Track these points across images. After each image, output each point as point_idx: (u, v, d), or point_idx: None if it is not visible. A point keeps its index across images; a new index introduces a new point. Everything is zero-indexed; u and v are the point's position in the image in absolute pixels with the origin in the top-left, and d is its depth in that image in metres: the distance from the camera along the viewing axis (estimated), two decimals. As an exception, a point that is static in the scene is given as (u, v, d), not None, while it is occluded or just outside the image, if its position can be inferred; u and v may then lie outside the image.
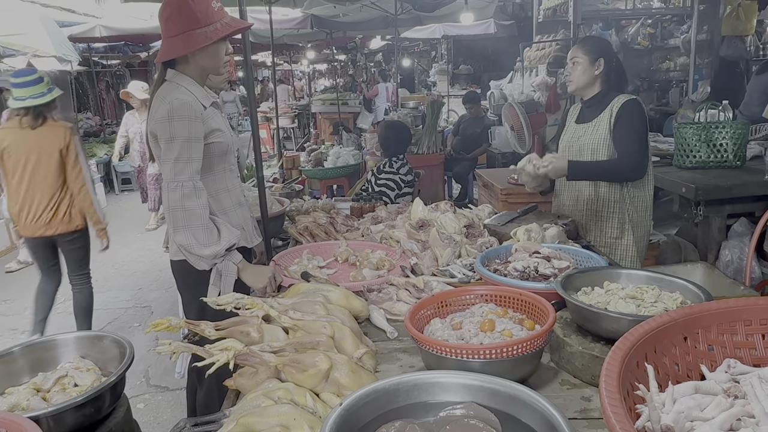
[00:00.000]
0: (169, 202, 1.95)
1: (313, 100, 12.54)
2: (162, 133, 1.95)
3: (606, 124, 2.64)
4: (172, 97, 1.96)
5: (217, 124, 2.10)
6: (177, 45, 1.98)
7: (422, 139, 6.34)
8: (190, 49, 1.98)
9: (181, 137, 1.94)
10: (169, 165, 1.95)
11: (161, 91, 2.02)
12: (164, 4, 2.00)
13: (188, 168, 1.95)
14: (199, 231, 1.94)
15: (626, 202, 2.70)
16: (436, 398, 1.13)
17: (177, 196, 1.93)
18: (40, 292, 4.03)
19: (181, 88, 2.01)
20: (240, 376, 1.41)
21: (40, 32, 6.61)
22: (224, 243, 1.98)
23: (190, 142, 1.95)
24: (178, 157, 1.93)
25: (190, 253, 1.98)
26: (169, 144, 1.94)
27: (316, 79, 19.81)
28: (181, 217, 1.94)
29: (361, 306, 1.81)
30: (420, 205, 2.68)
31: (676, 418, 0.84)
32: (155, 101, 2.02)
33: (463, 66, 13.73)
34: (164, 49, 2.03)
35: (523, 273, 1.89)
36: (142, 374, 3.80)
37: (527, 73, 6.72)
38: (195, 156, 1.97)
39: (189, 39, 1.95)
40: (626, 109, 2.61)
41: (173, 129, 1.93)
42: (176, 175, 1.94)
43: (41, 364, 1.63)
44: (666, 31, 7.53)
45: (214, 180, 2.12)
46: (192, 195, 1.94)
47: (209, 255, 1.96)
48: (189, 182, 1.94)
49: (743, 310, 1.08)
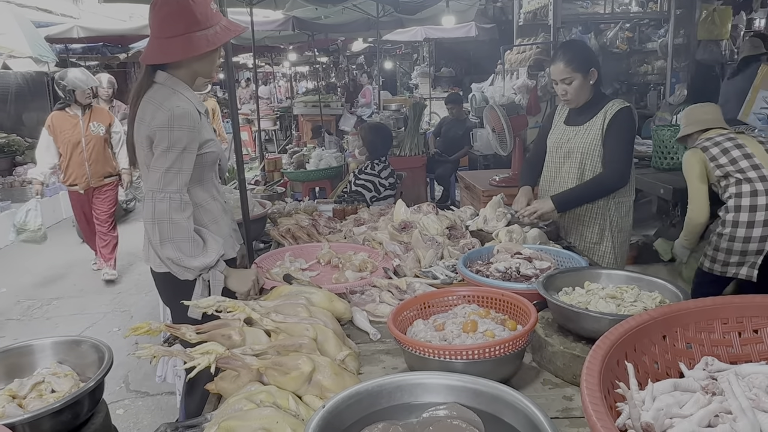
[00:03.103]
0: (155, 212, 1.86)
1: (295, 102, 12.49)
2: (160, 141, 1.86)
3: (599, 129, 2.63)
4: (172, 104, 1.87)
5: (209, 133, 2.04)
6: (175, 47, 1.86)
7: (404, 142, 6.35)
8: (190, 53, 1.87)
9: (178, 148, 1.86)
10: (159, 174, 1.86)
11: (155, 95, 1.91)
12: (160, 1, 1.88)
13: (178, 179, 1.87)
14: (185, 244, 1.88)
15: (610, 208, 2.72)
16: (419, 399, 1.13)
17: (164, 207, 1.85)
18: None
19: (178, 95, 1.92)
20: (221, 379, 1.40)
21: (16, 32, 6.49)
22: (214, 255, 1.93)
23: (184, 153, 1.87)
24: (170, 167, 1.86)
25: (178, 266, 1.90)
26: (164, 152, 1.86)
27: (297, 82, 19.77)
28: (168, 229, 1.86)
29: (343, 308, 1.80)
30: (402, 207, 2.68)
31: (656, 415, 0.86)
32: (146, 105, 1.91)
33: (444, 69, 13.79)
34: (158, 51, 1.91)
35: (505, 274, 1.90)
36: (121, 379, 3.75)
37: (508, 75, 6.77)
38: (186, 167, 1.89)
39: (188, 42, 1.85)
40: (619, 117, 2.59)
41: (172, 138, 1.85)
42: (165, 185, 1.86)
43: (17, 370, 1.59)
44: (644, 35, 7.65)
45: (205, 189, 2.06)
46: (179, 208, 1.87)
47: (198, 266, 1.91)
48: (177, 194, 1.87)
49: (720, 309, 1.10)
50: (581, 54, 2.64)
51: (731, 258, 2.96)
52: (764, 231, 2.86)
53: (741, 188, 2.93)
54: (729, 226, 2.94)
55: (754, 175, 2.92)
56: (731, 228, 2.93)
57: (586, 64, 2.60)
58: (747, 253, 2.91)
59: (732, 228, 2.93)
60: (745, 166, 2.95)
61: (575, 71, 2.58)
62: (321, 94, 11.74)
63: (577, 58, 2.60)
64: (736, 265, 2.96)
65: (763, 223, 2.87)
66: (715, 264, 3.02)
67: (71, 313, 4.90)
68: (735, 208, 2.93)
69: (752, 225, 2.88)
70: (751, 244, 2.89)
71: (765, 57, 5.47)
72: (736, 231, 2.92)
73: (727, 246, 2.95)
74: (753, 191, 2.89)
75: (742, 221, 2.90)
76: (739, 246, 2.92)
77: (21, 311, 4.99)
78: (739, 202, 2.92)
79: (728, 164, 2.98)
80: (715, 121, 3.27)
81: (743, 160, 2.96)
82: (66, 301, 5.17)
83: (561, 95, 2.69)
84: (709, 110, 3.37)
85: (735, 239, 2.92)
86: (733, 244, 2.93)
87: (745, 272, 2.93)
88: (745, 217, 2.89)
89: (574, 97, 2.65)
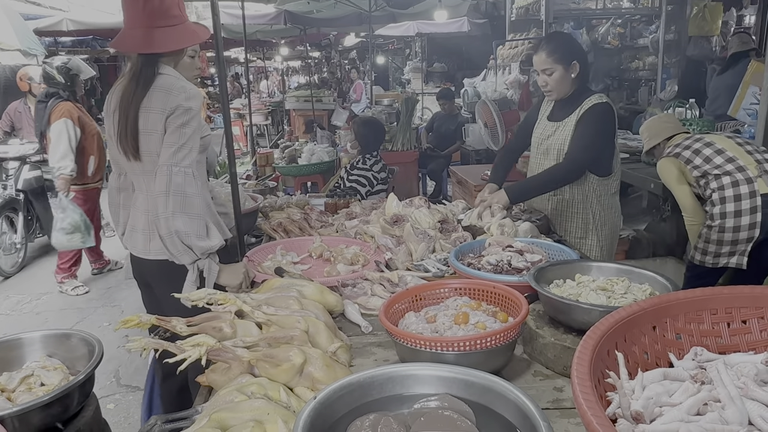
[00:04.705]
0: (170, 183, 1.87)
1: (287, 96, 12.44)
2: (177, 118, 1.89)
3: (573, 125, 2.62)
4: (185, 85, 1.93)
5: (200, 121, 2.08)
6: (185, 34, 1.94)
7: (396, 136, 6.35)
8: (187, 42, 1.95)
9: (192, 126, 1.91)
10: (173, 149, 1.89)
11: (163, 84, 1.93)
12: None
13: (189, 156, 1.91)
14: (195, 221, 1.90)
15: (591, 201, 2.70)
16: (410, 390, 1.13)
17: (180, 180, 1.88)
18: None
19: (183, 81, 1.97)
20: (212, 372, 1.39)
21: (4, 24, 6.42)
22: (216, 240, 1.95)
23: (195, 133, 1.93)
24: (184, 144, 1.90)
25: (182, 243, 1.90)
26: (179, 129, 1.89)
27: (289, 76, 19.79)
28: (181, 201, 1.88)
29: (335, 301, 1.80)
30: (394, 201, 2.68)
31: (646, 404, 0.86)
32: (154, 92, 1.92)
33: (437, 64, 13.79)
34: (154, 40, 1.91)
35: (497, 266, 1.90)
36: (112, 374, 3.73)
37: (500, 71, 6.79)
38: (195, 146, 1.93)
39: (185, 32, 1.92)
40: (592, 111, 2.57)
41: (189, 117, 1.90)
42: (180, 160, 1.89)
43: (6, 363, 1.58)
44: (635, 31, 7.69)
45: (200, 174, 2.09)
46: (192, 182, 1.90)
47: (202, 247, 1.92)
48: (190, 170, 1.91)
49: (709, 300, 1.11)
50: (564, 46, 2.62)
51: (722, 249, 2.99)
52: (752, 218, 2.90)
53: (721, 182, 2.97)
54: (717, 218, 2.97)
55: (731, 168, 2.97)
56: (720, 220, 2.96)
57: (568, 56, 2.57)
58: (738, 242, 2.94)
59: (721, 220, 2.96)
60: (720, 162, 3.00)
61: (556, 62, 2.57)
62: (313, 88, 11.70)
63: (559, 49, 2.58)
64: (727, 255, 2.99)
65: (750, 210, 2.90)
66: (706, 256, 3.05)
67: (61, 308, 4.86)
68: (720, 201, 2.96)
69: (740, 214, 2.92)
70: (741, 232, 2.92)
71: (754, 53, 5.51)
72: (725, 222, 2.95)
73: (718, 237, 2.98)
74: (734, 182, 2.94)
75: (729, 212, 2.93)
76: (730, 236, 2.95)
77: (10, 306, 4.95)
78: (722, 194, 2.96)
79: (703, 163, 3.03)
80: (676, 127, 3.37)
81: (717, 157, 3.02)
82: (55, 295, 5.13)
83: (542, 86, 2.69)
84: (668, 119, 3.49)
85: (725, 230, 2.95)
86: (724, 234, 2.96)
87: (735, 261, 2.97)
88: (732, 207, 2.93)
89: (554, 89, 2.63)
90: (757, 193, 2.89)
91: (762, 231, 2.89)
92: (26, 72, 5.53)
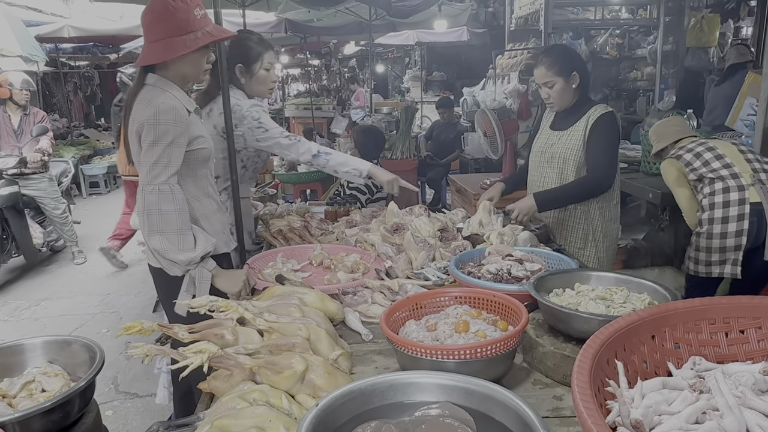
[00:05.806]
0: (145, 204, 1.92)
1: (287, 104, 12.47)
2: (146, 136, 1.92)
3: (581, 134, 2.66)
4: (158, 101, 1.94)
5: (199, 130, 2.08)
6: (156, 51, 1.96)
7: (396, 145, 6.38)
8: (167, 56, 1.95)
9: (165, 141, 1.91)
10: (147, 167, 1.92)
11: (145, 95, 1.98)
12: (147, 8, 1.97)
13: (166, 171, 1.92)
14: (173, 236, 1.92)
15: (594, 213, 2.74)
16: (411, 398, 1.14)
17: (153, 199, 1.90)
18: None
19: (166, 93, 1.98)
20: (214, 378, 1.40)
21: (5, 31, 6.45)
22: (199, 251, 1.96)
23: (171, 147, 1.92)
24: (157, 161, 1.91)
25: (164, 258, 1.95)
26: (151, 146, 1.91)
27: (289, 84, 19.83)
28: (156, 220, 1.91)
29: (336, 308, 1.81)
30: (394, 209, 2.69)
31: (645, 413, 0.87)
32: (138, 105, 1.98)
33: (436, 72, 13.84)
34: (144, 54, 2.01)
35: (497, 275, 1.91)
36: (110, 381, 3.72)
37: (499, 80, 6.80)
38: (174, 160, 1.94)
39: (168, 46, 1.93)
40: (602, 122, 2.62)
41: (158, 132, 1.90)
42: (153, 178, 1.91)
43: (7, 369, 1.59)
44: (633, 42, 7.74)
45: (197, 186, 2.10)
46: (169, 198, 1.91)
47: (183, 261, 1.93)
48: (166, 185, 1.91)
49: (708, 310, 1.12)
50: (563, 58, 2.68)
51: (712, 257, 2.98)
52: (739, 225, 2.89)
53: (714, 186, 2.98)
54: (705, 224, 2.98)
55: (726, 173, 2.98)
56: (708, 226, 2.97)
57: (567, 67, 2.63)
58: (726, 250, 2.94)
59: (708, 226, 2.97)
60: (717, 167, 3.00)
61: (556, 75, 2.63)
62: (313, 96, 11.74)
63: (558, 62, 2.64)
64: (718, 264, 2.98)
65: (737, 218, 2.89)
66: (698, 265, 3.05)
67: (60, 314, 4.86)
68: (709, 206, 2.97)
69: (726, 221, 2.91)
70: (728, 239, 2.92)
71: (751, 64, 5.55)
72: (712, 228, 2.95)
73: (705, 244, 2.98)
74: (725, 188, 2.94)
75: (716, 218, 2.94)
76: (717, 243, 2.95)
77: (8, 312, 4.94)
78: (712, 200, 2.96)
79: (701, 167, 3.04)
80: (684, 131, 3.37)
81: (715, 161, 3.03)
82: (54, 301, 5.12)
83: (545, 98, 2.76)
84: (676, 122, 3.48)
85: (712, 236, 2.96)
86: (711, 241, 2.96)
87: (728, 270, 2.96)
88: (719, 213, 2.93)
89: (557, 101, 2.70)
90: (747, 201, 2.89)
91: (749, 239, 2.89)
92: (6, 78, 5.22)
